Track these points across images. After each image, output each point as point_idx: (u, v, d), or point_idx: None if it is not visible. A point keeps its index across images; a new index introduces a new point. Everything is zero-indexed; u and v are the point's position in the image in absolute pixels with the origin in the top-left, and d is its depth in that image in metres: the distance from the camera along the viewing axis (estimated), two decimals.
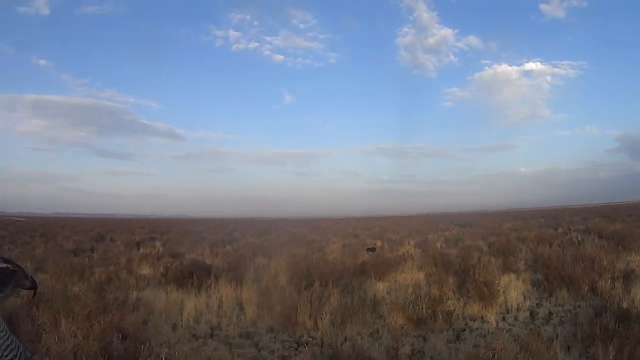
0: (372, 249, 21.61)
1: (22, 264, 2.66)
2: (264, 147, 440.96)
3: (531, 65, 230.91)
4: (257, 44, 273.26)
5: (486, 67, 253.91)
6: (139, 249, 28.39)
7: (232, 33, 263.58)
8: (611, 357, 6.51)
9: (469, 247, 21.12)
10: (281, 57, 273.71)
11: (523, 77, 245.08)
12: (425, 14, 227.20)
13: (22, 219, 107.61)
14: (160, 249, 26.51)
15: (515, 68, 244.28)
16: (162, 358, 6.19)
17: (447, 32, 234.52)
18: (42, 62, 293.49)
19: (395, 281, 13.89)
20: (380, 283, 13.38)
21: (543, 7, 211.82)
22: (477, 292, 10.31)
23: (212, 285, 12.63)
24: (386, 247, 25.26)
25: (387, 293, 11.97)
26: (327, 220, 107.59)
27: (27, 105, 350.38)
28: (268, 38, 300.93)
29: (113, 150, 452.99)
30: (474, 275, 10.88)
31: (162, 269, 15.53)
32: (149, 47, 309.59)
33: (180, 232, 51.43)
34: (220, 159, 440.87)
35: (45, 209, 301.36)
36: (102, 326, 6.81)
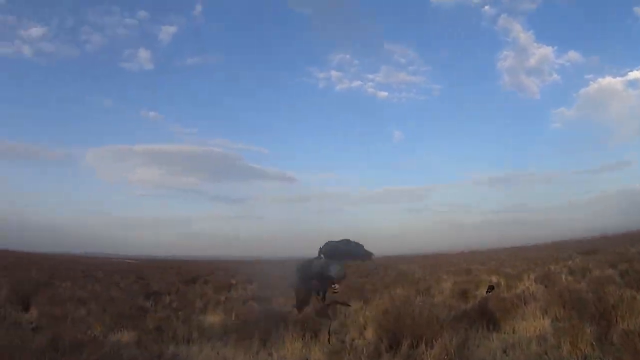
0: (491, 288, 18.14)
1: None
2: (375, 186, 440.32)
3: (636, 74, 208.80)
4: (359, 82, 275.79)
5: (590, 82, 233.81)
6: (229, 291, 27.19)
7: (334, 73, 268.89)
8: None
9: (600, 279, 17.00)
10: (385, 93, 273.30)
11: (629, 88, 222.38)
12: (521, 35, 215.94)
13: (133, 261, 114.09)
14: (252, 292, 24.98)
15: (619, 79, 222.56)
16: None
17: (546, 50, 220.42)
18: (151, 114, 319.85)
19: (513, 332, 10.60)
20: (495, 336, 10.13)
21: (637, 9, 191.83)
22: (628, 348, 6.93)
23: (282, 339, 10.44)
24: (502, 283, 21.51)
25: (505, 353, 8.79)
26: (440, 256, 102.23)
27: (139, 155, 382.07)
28: (370, 75, 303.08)
29: (225, 195, 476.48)
30: (619, 321, 7.54)
31: (233, 317, 13.71)
32: (253, 93, 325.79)
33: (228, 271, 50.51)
34: (330, 200, 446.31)
35: (160, 252, 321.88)
36: None
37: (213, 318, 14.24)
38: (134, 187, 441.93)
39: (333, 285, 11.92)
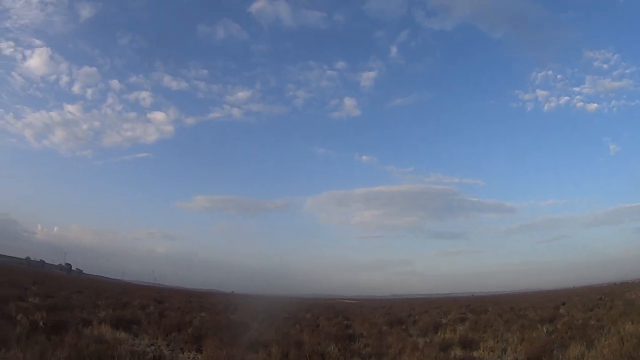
0: None
1: None
2: (597, 207, 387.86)
3: None
4: (567, 97, 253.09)
5: None
6: (436, 332, 24.73)
7: (540, 93, 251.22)
8: None
9: None
10: (594, 105, 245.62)
11: None
12: None
13: (353, 301, 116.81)
14: (458, 335, 22.22)
15: None
16: None
17: None
18: (364, 158, 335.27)
19: None
20: None
21: None
22: None
23: None
24: None
25: None
26: None
27: (358, 199, 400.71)
28: (576, 89, 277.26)
29: (444, 231, 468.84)
30: None
31: None
32: (462, 126, 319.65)
33: (500, 310, 45.46)
34: (553, 226, 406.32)
35: (383, 292, 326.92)
36: None
37: None
38: (356, 230, 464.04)
39: None
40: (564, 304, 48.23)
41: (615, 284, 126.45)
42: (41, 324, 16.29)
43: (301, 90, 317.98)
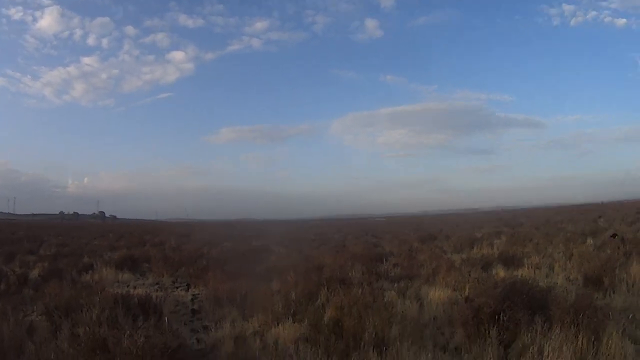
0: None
1: None
2: (625, 123, 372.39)
3: None
4: (594, 12, 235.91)
5: None
6: (472, 248, 23.03)
7: (566, 7, 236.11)
8: None
9: None
10: (623, 20, 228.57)
11: None
12: None
13: (383, 219, 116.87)
14: (497, 250, 20.38)
15: None
16: None
17: None
18: (388, 77, 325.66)
19: None
20: None
21: None
22: None
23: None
24: None
25: None
26: None
27: (384, 119, 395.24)
28: (604, 3, 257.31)
29: (473, 147, 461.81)
30: None
31: (462, 294, 9.81)
32: (486, 41, 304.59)
33: (536, 224, 43.54)
34: (581, 142, 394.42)
35: (414, 209, 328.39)
36: None
37: (438, 294, 10.51)
38: (383, 150, 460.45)
39: None
40: (600, 218, 45.91)
41: None
42: (37, 275, 15.54)
43: (320, 15, 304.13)
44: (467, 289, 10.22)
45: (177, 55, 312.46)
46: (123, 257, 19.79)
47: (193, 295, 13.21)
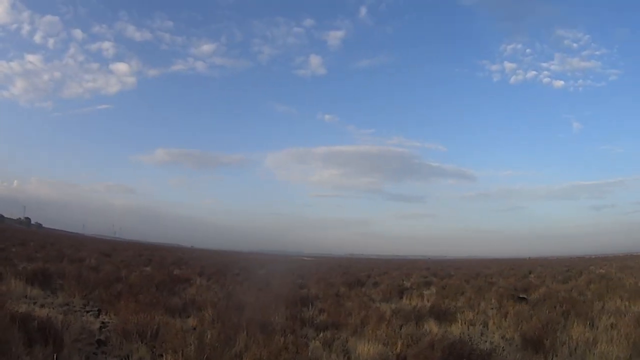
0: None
1: None
2: (554, 182, 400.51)
3: None
4: (534, 72, 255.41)
5: None
6: (401, 297, 22.01)
7: (508, 65, 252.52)
8: None
9: None
10: (561, 82, 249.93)
11: None
12: None
13: (310, 259, 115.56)
14: (427, 302, 19.44)
15: None
16: None
17: None
18: (327, 117, 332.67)
19: None
20: None
21: None
22: None
23: None
24: None
25: None
26: (631, 258, 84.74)
27: (318, 157, 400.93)
28: (544, 64, 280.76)
29: (403, 193, 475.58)
30: None
31: (393, 351, 8.56)
32: (426, 91, 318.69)
33: (465, 276, 43.52)
34: (509, 197, 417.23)
35: (340, 251, 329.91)
36: None
37: (367, 348, 9.17)
38: (315, 188, 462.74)
39: None
40: (530, 273, 46.81)
41: (572, 257, 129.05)
42: None
43: (267, 46, 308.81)
44: (399, 346, 8.98)
45: (121, 67, 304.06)
46: (36, 271, 17.28)
47: (102, 323, 11.16)
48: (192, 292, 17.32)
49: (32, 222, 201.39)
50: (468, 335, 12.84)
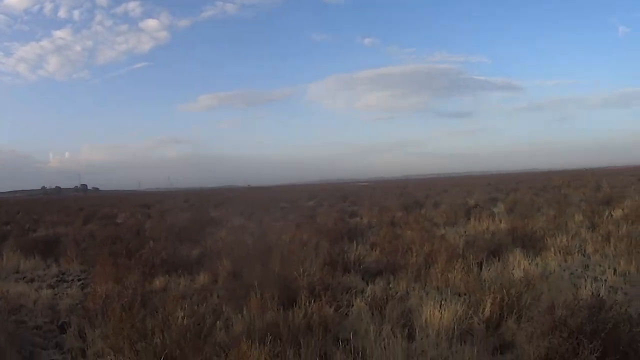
0: None
1: None
2: (603, 89, 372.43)
3: None
4: None
5: None
6: (468, 219, 18.88)
7: None
8: None
9: None
10: None
11: None
12: None
13: (366, 184, 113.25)
14: (501, 223, 16.21)
15: None
16: None
17: None
18: (366, 40, 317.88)
19: None
20: None
21: None
22: None
23: None
24: None
25: None
26: None
27: (363, 82, 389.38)
28: None
29: (452, 110, 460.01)
30: None
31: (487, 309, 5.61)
32: (465, 2, 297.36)
33: (531, 190, 39.54)
34: (559, 107, 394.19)
35: (395, 173, 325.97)
36: None
37: (437, 313, 6.16)
38: (362, 113, 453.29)
39: None
40: (598, 185, 42.01)
41: (632, 167, 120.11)
42: None
43: None
44: (487, 306, 5.98)
45: (151, 23, 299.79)
46: (37, 240, 15.68)
47: (84, 295, 8.84)
48: (221, 235, 14.87)
49: (89, 187, 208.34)
50: (566, 266, 9.72)
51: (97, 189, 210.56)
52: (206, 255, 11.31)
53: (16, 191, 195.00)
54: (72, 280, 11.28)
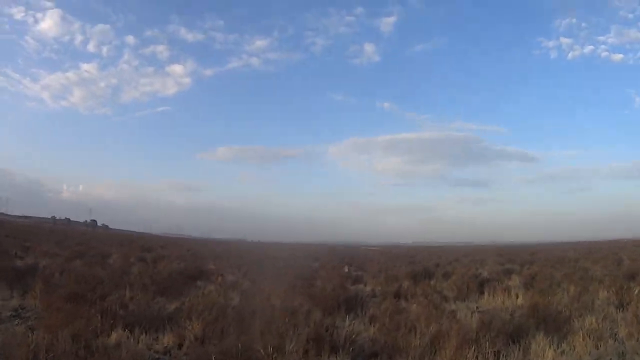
0: None
1: None
2: (620, 160, 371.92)
3: None
4: (591, 47, 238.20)
5: None
6: (481, 292, 17.22)
7: (564, 40, 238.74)
8: None
9: None
10: (620, 55, 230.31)
11: None
12: None
13: (376, 248, 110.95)
14: (518, 299, 14.59)
15: None
16: None
17: None
18: (385, 105, 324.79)
19: None
20: None
21: None
22: None
23: None
24: None
25: None
26: None
27: (380, 146, 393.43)
28: (601, 38, 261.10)
29: (467, 178, 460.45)
30: None
31: None
32: (483, 73, 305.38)
33: (547, 262, 37.47)
34: (574, 178, 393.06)
35: (406, 239, 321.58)
36: None
37: None
38: (378, 177, 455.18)
39: None
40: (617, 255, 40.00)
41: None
42: None
43: (319, 37, 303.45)
44: None
45: (177, 68, 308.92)
46: (7, 268, 14.69)
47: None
48: (206, 291, 13.45)
49: (99, 224, 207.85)
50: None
51: (106, 226, 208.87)
52: (182, 311, 9.91)
53: (26, 217, 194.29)
54: (28, 317, 10.10)
